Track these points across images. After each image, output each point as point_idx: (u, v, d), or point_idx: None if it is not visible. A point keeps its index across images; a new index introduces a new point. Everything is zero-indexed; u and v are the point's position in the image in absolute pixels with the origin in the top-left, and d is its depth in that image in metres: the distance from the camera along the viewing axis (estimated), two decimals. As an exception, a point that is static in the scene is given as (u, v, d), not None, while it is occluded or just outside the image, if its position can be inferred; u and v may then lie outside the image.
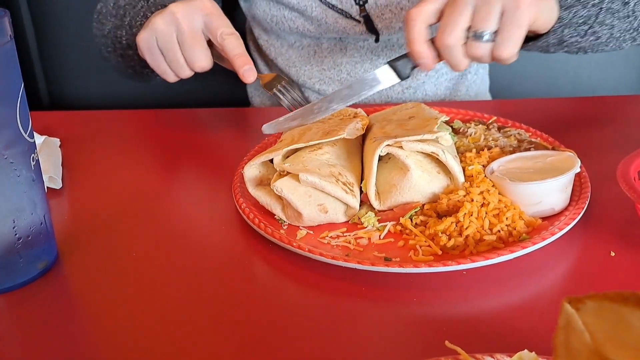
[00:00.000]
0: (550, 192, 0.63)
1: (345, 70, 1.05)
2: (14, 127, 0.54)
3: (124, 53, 0.93)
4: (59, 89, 1.37)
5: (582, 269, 0.60)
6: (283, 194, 0.63)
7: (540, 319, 0.52)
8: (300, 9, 0.99)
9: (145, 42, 0.81)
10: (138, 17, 0.88)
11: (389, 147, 0.65)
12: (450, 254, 0.60)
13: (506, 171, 0.66)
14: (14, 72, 0.55)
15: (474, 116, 0.85)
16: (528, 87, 1.33)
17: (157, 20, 0.79)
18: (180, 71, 0.82)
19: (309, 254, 0.60)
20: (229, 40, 0.79)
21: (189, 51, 0.80)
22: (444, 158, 0.64)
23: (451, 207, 0.64)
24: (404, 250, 0.61)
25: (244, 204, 0.68)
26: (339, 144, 0.71)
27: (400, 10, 0.98)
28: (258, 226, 0.64)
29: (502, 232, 0.61)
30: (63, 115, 1.01)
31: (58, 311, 0.57)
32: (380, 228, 0.64)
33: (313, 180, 0.62)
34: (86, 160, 0.84)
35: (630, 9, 0.76)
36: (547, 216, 0.64)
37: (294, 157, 0.67)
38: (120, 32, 0.92)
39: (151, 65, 0.83)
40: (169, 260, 0.63)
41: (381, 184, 0.67)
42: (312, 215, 0.64)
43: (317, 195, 0.64)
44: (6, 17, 0.54)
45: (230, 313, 0.55)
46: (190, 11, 0.79)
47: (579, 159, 0.65)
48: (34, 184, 0.58)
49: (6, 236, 0.56)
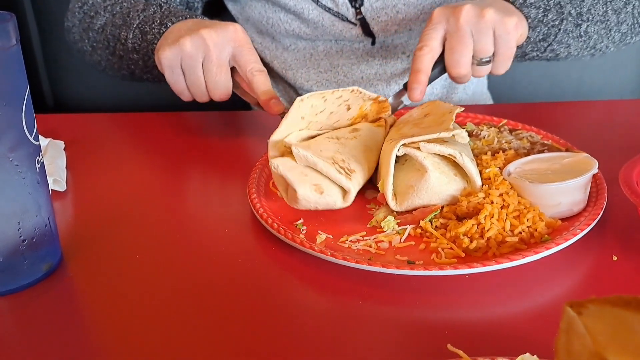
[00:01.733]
0: (570, 193, 0.63)
1: (342, 72, 1.05)
2: (19, 130, 0.54)
3: (124, 55, 0.91)
4: (63, 91, 1.38)
5: (584, 273, 0.60)
6: (279, 170, 0.64)
7: (542, 323, 0.52)
8: (297, 12, 0.99)
9: (168, 60, 0.80)
10: (154, 25, 0.87)
11: (406, 147, 0.65)
12: (473, 256, 0.59)
13: (523, 173, 0.66)
14: (20, 75, 0.55)
15: (483, 119, 0.85)
16: (530, 87, 1.33)
17: (185, 42, 0.79)
18: (198, 95, 0.83)
19: (331, 258, 0.59)
20: (258, 78, 0.80)
21: (212, 80, 0.80)
22: (462, 161, 0.64)
23: (471, 209, 0.63)
24: (426, 253, 0.61)
25: (261, 209, 0.67)
26: (359, 137, 0.71)
27: (396, 13, 0.98)
28: (277, 231, 0.63)
29: (524, 233, 0.61)
30: (67, 118, 1.01)
31: (62, 313, 0.56)
32: (400, 231, 0.64)
33: (305, 154, 0.63)
34: (90, 162, 0.84)
35: (582, 30, 0.86)
36: (565, 217, 0.64)
37: (310, 142, 0.68)
38: (124, 34, 0.90)
39: (169, 81, 0.83)
40: (173, 263, 0.62)
41: (398, 184, 0.67)
42: (306, 194, 0.64)
43: (314, 175, 0.64)
44: (12, 21, 0.53)
45: (243, 317, 0.54)
46: (221, 40, 0.79)
47: (596, 160, 0.65)
48: (39, 186, 0.58)
49: (11, 238, 0.56)
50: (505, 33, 0.77)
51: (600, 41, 0.89)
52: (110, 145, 0.91)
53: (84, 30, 0.97)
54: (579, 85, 1.31)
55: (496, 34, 0.77)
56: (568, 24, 0.84)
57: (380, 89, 1.05)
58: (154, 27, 0.87)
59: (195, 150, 0.88)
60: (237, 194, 0.73)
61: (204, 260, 0.63)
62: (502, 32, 0.77)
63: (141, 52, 0.88)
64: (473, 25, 0.77)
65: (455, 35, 0.77)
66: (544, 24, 0.83)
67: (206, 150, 0.87)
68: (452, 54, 0.78)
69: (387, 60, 1.04)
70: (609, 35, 0.88)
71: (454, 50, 0.77)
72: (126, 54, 0.91)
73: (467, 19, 0.76)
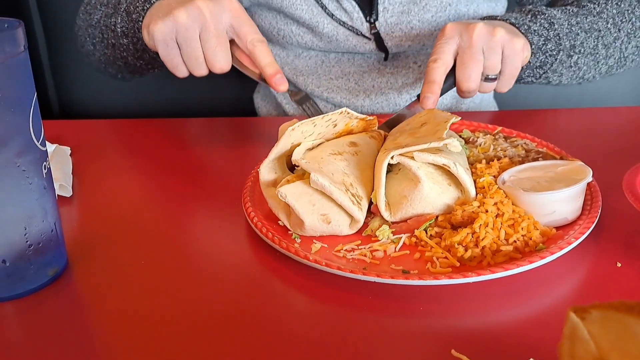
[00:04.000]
0: (565, 201, 0.63)
1: (353, 79, 1.05)
2: (26, 135, 0.55)
3: (116, 42, 0.89)
4: (69, 97, 1.38)
5: (588, 279, 0.60)
6: (287, 199, 0.63)
7: (546, 328, 0.52)
8: (311, 25, 0.98)
9: (162, 33, 0.77)
10: (138, 3, 0.84)
11: (400, 157, 0.64)
12: (468, 265, 0.59)
13: (517, 181, 0.66)
14: (28, 81, 0.55)
15: (478, 127, 0.85)
16: (534, 95, 1.33)
17: (180, 13, 0.75)
18: (196, 69, 0.80)
19: (326, 268, 0.59)
20: (260, 48, 0.78)
21: (211, 51, 0.77)
22: (456, 170, 0.64)
23: (466, 218, 0.63)
24: (421, 262, 0.61)
25: (255, 217, 0.67)
26: (359, 154, 0.70)
27: (411, 29, 0.98)
28: (272, 240, 0.63)
29: (519, 242, 0.61)
30: (74, 124, 1.02)
31: (67, 318, 0.57)
32: (395, 240, 0.64)
33: (323, 182, 0.62)
34: (96, 168, 0.85)
35: (573, 61, 0.89)
36: (560, 226, 0.64)
37: (312, 155, 0.67)
38: (113, 20, 0.88)
39: (163, 57, 0.80)
40: (178, 268, 0.63)
41: (392, 195, 0.66)
42: (314, 224, 0.64)
43: (321, 205, 0.64)
44: (20, 28, 0.54)
45: (241, 325, 0.55)
46: (218, 10, 0.76)
47: (590, 168, 0.66)
48: (46, 192, 0.58)
49: (17, 243, 0.57)
50: (513, 53, 0.80)
51: (588, 72, 0.92)
52: (115, 151, 0.92)
53: (85, 29, 0.96)
54: (582, 92, 1.32)
55: (505, 53, 0.80)
56: (563, 54, 0.87)
57: (391, 97, 1.05)
58: (138, 6, 0.84)
59: (199, 156, 0.88)
60: (239, 201, 0.73)
61: (205, 267, 0.63)
62: (510, 52, 0.80)
63: (129, 34, 0.86)
64: (485, 43, 0.79)
65: (467, 51, 0.79)
66: (542, 52, 0.85)
67: (210, 157, 0.88)
68: (463, 68, 0.80)
69: (398, 69, 1.04)
70: (596, 67, 0.92)
71: (465, 65, 0.79)
72: (117, 40, 0.88)
73: (479, 36, 0.78)
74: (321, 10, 0.97)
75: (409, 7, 0.96)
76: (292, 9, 0.98)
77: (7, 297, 0.58)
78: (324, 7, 0.97)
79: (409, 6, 0.96)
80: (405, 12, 0.97)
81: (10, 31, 0.54)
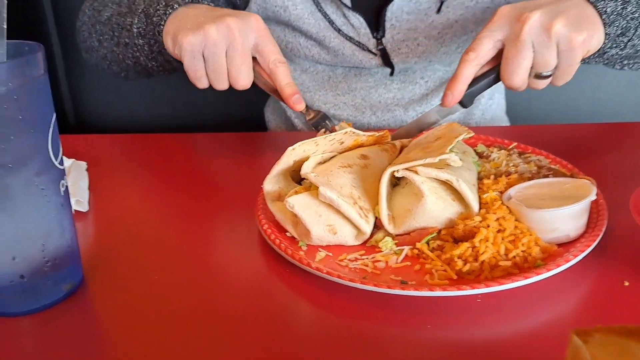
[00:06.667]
0: (566, 219, 0.64)
1: (360, 95, 1.06)
2: (45, 155, 0.57)
3: (129, 42, 0.90)
4: (85, 111, 1.41)
5: (595, 298, 0.60)
6: (295, 210, 0.65)
7: (551, 347, 0.53)
8: (318, 39, 1.00)
9: (190, 44, 0.79)
10: (159, 7, 0.85)
11: (406, 171, 0.66)
12: (466, 278, 0.61)
13: (523, 197, 0.67)
14: (47, 102, 0.57)
15: (494, 142, 0.86)
16: (546, 110, 1.34)
17: (211, 28, 0.78)
18: (219, 83, 0.82)
19: (326, 275, 0.61)
20: (281, 69, 0.80)
21: (236, 68, 0.80)
22: (458, 186, 0.65)
23: (467, 232, 0.64)
24: (421, 274, 0.62)
25: (265, 224, 0.69)
26: (370, 167, 0.72)
27: (417, 45, 0.98)
28: (279, 247, 0.66)
29: (518, 257, 0.62)
30: (90, 138, 1.04)
31: (82, 332, 0.58)
32: (397, 252, 0.65)
33: (331, 196, 0.64)
34: (111, 183, 0.87)
35: None
36: (563, 243, 0.64)
37: (322, 169, 0.69)
38: (129, 20, 0.89)
39: (187, 68, 0.82)
40: (192, 282, 0.64)
41: (396, 208, 0.68)
42: (320, 234, 0.66)
43: (328, 216, 0.65)
44: (40, 52, 0.56)
45: (252, 334, 0.56)
46: (246, 28, 0.79)
47: (595, 187, 0.66)
48: (63, 209, 0.60)
49: (35, 259, 0.58)
50: (570, 49, 0.72)
51: None
52: (130, 165, 0.93)
53: (92, 25, 0.97)
54: (593, 106, 1.32)
55: (560, 48, 0.73)
56: None
57: (397, 114, 1.06)
58: (159, 9, 0.85)
59: (212, 170, 0.90)
60: (252, 213, 0.74)
61: (219, 281, 0.65)
62: (566, 47, 0.72)
63: (147, 36, 0.87)
64: (535, 37, 0.72)
65: (513, 45, 0.73)
66: (622, 17, 0.76)
67: (222, 170, 0.90)
68: (508, 64, 0.74)
69: (405, 84, 1.04)
70: None
71: (509, 60, 0.74)
72: (131, 40, 0.89)
73: (531, 29, 0.71)
74: (328, 25, 0.98)
75: (416, 24, 0.97)
76: (300, 23, 0.99)
77: (23, 312, 0.60)
78: (331, 22, 0.98)
79: (416, 23, 0.97)
80: (412, 29, 0.98)
81: (31, 55, 0.55)
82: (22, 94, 0.54)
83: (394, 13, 0.97)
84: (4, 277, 0.58)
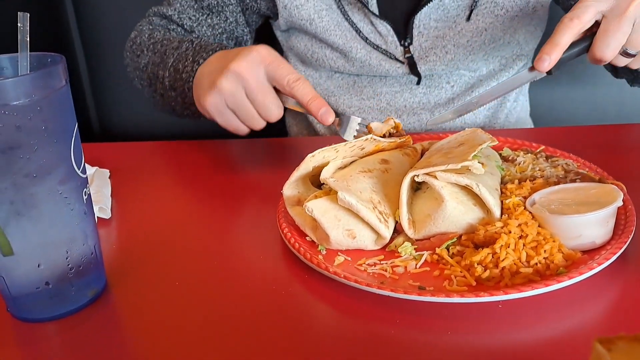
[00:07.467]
0: (591, 225, 0.62)
1: (385, 99, 1.06)
2: (68, 164, 0.58)
3: (164, 93, 0.94)
4: (109, 119, 1.44)
5: (619, 306, 0.59)
6: (314, 214, 0.65)
7: (573, 355, 0.52)
8: (344, 51, 1.00)
9: (214, 106, 0.81)
10: (187, 63, 0.88)
11: (426, 176, 0.66)
12: (485, 285, 0.60)
13: (548, 202, 0.66)
14: (69, 113, 0.58)
15: (522, 145, 0.85)
16: (570, 112, 1.32)
17: (221, 82, 0.79)
18: (255, 125, 0.83)
19: (344, 280, 0.61)
20: (298, 87, 0.80)
21: (262, 105, 0.81)
22: (479, 191, 0.64)
23: (488, 238, 0.64)
24: (439, 279, 0.62)
25: (286, 228, 0.70)
26: (390, 171, 0.72)
27: (445, 54, 0.98)
28: (298, 250, 0.66)
29: (540, 264, 0.61)
30: (113, 146, 1.06)
31: (106, 337, 0.59)
32: (417, 257, 0.65)
33: (350, 200, 0.64)
34: (134, 190, 0.88)
35: None
36: (588, 249, 0.63)
37: (342, 174, 0.69)
38: (162, 72, 0.92)
39: (222, 125, 0.84)
40: (213, 287, 0.65)
41: (416, 213, 0.68)
42: (339, 239, 0.66)
43: (347, 220, 0.65)
44: (61, 64, 0.57)
45: (271, 337, 0.57)
46: (252, 66, 0.79)
47: (622, 192, 0.64)
48: (86, 217, 0.61)
49: (60, 266, 0.59)
50: None
51: None
52: (153, 172, 0.95)
53: (134, 69, 1.01)
54: (620, 108, 1.29)
55: None
56: None
57: (423, 117, 1.05)
58: (187, 65, 0.88)
59: (234, 176, 0.91)
60: (274, 218, 0.75)
61: (241, 287, 0.65)
62: None
63: (178, 89, 0.91)
64: (639, 16, 0.72)
65: (617, 18, 0.72)
66: None
67: (245, 177, 0.90)
68: (606, 36, 0.72)
69: (431, 89, 1.04)
70: None
71: (608, 33, 0.72)
72: (165, 91, 0.94)
73: (637, 6, 0.71)
74: (355, 35, 0.98)
75: (445, 31, 0.97)
76: (326, 35, 0.99)
77: (49, 318, 0.61)
78: (358, 30, 0.98)
79: (444, 30, 0.97)
80: (440, 37, 0.97)
81: (53, 67, 0.56)
82: (45, 105, 0.55)
83: (422, 20, 0.96)
84: (30, 284, 0.59)
